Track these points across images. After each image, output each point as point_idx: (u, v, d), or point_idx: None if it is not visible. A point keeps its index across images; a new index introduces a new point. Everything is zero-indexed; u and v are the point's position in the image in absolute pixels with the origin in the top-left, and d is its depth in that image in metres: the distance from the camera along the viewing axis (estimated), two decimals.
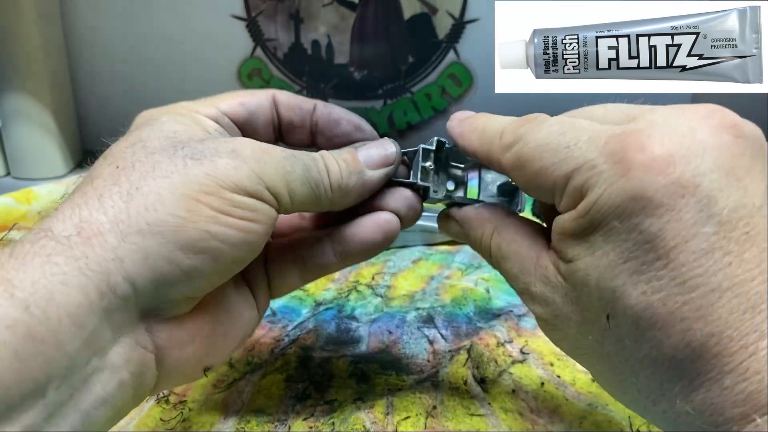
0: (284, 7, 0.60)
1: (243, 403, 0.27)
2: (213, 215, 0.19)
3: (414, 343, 0.32)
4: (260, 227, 0.20)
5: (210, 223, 0.19)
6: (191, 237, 0.18)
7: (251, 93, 0.26)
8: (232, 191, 0.19)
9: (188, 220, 0.18)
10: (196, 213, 0.18)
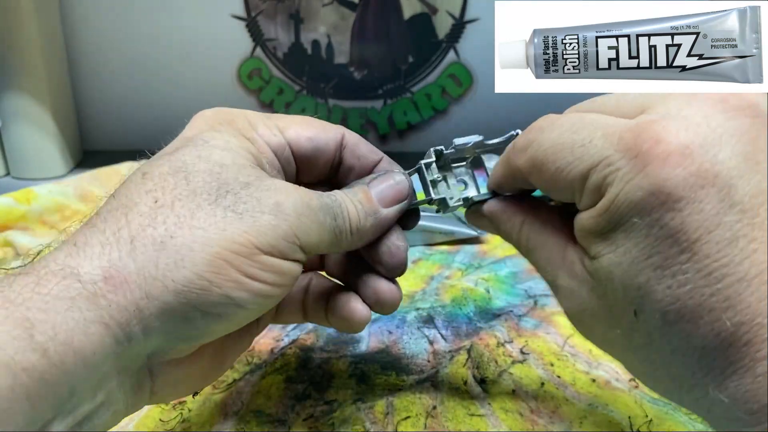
0: (284, 7, 0.60)
1: (242, 404, 0.27)
2: (238, 279, 0.19)
3: (414, 343, 0.32)
4: (282, 290, 0.20)
5: (233, 289, 0.18)
6: (211, 301, 0.18)
7: (323, 128, 0.24)
8: (266, 253, 0.19)
9: (214, 284, 0.18)
10: (222, 276, 0.18)
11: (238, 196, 0.19)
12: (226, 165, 0.20)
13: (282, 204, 0.20)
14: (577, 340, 0.32)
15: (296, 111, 0.64)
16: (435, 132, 0.65)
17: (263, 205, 0.19)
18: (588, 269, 0.19)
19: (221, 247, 0.18)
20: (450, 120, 0.64)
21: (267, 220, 0.19)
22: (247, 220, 0.19)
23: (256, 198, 0.19)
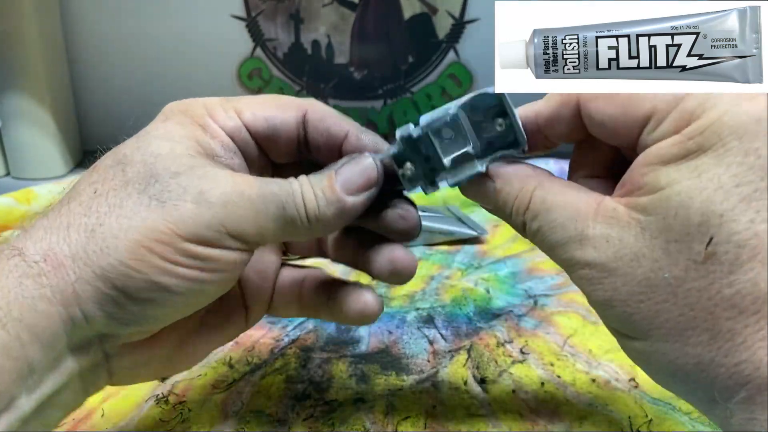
0: (284, 7, 0.60)
1: (242, 404, 0.27)
2: (161, 265, 0.19)
3: (414, 343, 0.32)
4: (216, 275, 0.20)
5: (157, 274, 0.19)
6: (136, 286, 0.19)
7: (282, 106, 0.23)
8: (188, 241, 0.19)
9: (135, 269, 0.19)
10: (144, 263, 0.19)
11: (165, 185, 0.20)
12: (161, 155, 0.20)
13: (206, 192, 0.20)
14: (577, 340, 0.32)
15: None
16: None
17: (187, 194, 0.19)
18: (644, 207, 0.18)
19: (142, 235, 0.19)
20: None
21: (189, 208, 0.19)
22: (169, 208, 0.19)
23: (183, 187, 0.20)
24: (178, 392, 0.28)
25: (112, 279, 0.19)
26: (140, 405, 0.27)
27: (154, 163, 0.20)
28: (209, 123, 0.22)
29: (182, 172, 0.20)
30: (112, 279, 0.19)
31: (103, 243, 0.19)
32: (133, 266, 0.19)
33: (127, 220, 0.19)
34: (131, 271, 0.19)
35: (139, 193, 0.19)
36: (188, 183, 0.20)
